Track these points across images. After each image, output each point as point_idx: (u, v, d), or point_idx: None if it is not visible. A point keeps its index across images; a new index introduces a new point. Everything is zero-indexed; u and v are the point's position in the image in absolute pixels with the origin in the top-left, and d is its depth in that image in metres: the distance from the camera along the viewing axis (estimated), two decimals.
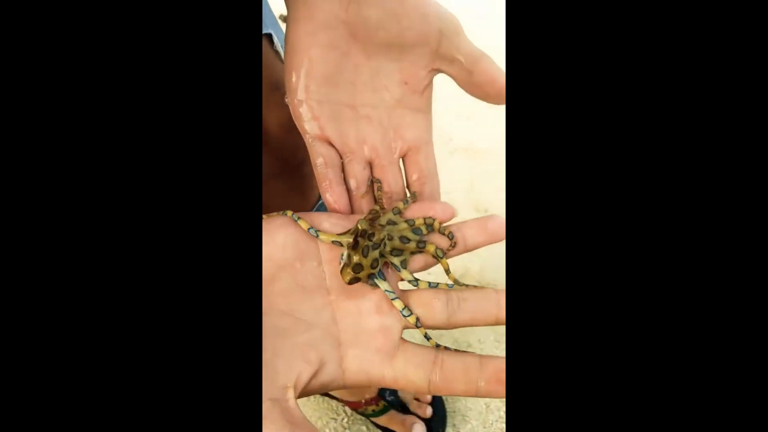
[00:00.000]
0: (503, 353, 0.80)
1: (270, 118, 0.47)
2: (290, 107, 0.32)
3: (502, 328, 0.86)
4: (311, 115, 0.32)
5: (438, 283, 0.30)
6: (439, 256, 0.31)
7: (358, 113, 0.33)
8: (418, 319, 0.29)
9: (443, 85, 0.35)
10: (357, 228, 0.29)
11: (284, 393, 0.24)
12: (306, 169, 0.54)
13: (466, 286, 0.30)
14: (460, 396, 0.28)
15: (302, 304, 0.28)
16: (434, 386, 0.27)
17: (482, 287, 0.30)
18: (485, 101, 0.33)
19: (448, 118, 1.25)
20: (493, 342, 0.84)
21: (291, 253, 0.29)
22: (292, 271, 0.29)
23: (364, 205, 0.33)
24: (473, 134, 1.25)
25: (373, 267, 0.28)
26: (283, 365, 0.25)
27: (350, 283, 0.28)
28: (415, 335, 0.29)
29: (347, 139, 0.33)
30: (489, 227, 0.31)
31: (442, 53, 0.32)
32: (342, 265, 0.29)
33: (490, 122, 1.26)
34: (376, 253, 0.28)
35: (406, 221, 0.31)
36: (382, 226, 0.30)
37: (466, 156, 1.19)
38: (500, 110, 1.15)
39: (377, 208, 0.31)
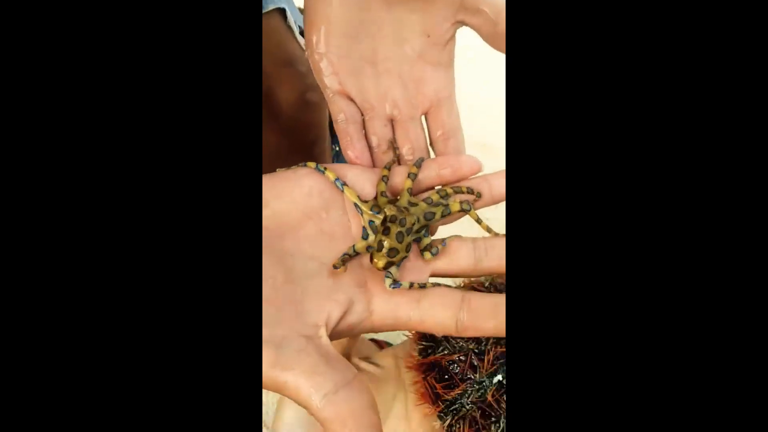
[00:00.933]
0: None
1: (282, 96, 0.47)
2: (310, 62, 0.32)
3: None
4: (332, 69, 0.32)
5: (444, 239, 0.30)
6: (467, 210, 0.30)
7: (378, 68, 0.33)
8: (411, 284, 0.28)
9: (457, 80, 0.35)
10: (385, 214, 0.29)
11: (316, 331, 0.24)
12: (318, 149, 0.54)
13: (496, 234, 0.30)
14: (489, 336, 0.27)
15: (329, 251, 0.28)
16: (462, 326, 0.27)
17: None
18: None
19: (463, 113, 1.25)
20: None
21: (317, 202, 0.29)
22: (317, 219, 0.29)
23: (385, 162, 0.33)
24: (488, 130, 1.24)
25: (407, 250, 0.28)
26: (313, 304, 0.25)
27: (384, 268, 0.27)
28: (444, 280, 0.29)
29: (368, 94, 0.33)
30: None
31: (467, 4, 0.32)
32: (371, 250, 0.28)
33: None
34: (410, 238, 0.28)
35: (423, 200, 0.31)
36: (407, 208, 0.29)
37: (482, 152, 1.18)
38: None
39: (388, 167, 0.31)
